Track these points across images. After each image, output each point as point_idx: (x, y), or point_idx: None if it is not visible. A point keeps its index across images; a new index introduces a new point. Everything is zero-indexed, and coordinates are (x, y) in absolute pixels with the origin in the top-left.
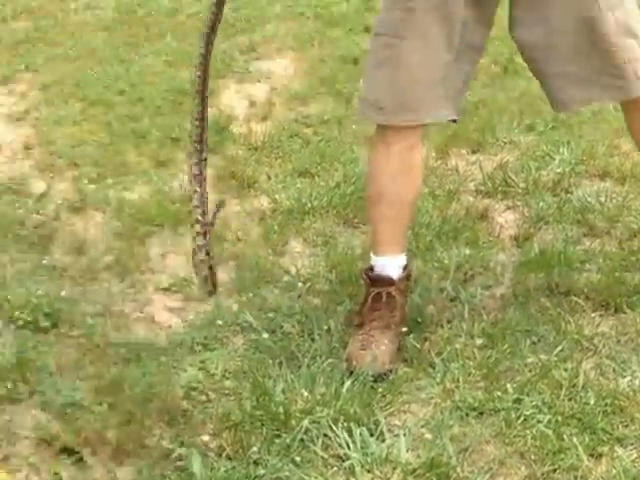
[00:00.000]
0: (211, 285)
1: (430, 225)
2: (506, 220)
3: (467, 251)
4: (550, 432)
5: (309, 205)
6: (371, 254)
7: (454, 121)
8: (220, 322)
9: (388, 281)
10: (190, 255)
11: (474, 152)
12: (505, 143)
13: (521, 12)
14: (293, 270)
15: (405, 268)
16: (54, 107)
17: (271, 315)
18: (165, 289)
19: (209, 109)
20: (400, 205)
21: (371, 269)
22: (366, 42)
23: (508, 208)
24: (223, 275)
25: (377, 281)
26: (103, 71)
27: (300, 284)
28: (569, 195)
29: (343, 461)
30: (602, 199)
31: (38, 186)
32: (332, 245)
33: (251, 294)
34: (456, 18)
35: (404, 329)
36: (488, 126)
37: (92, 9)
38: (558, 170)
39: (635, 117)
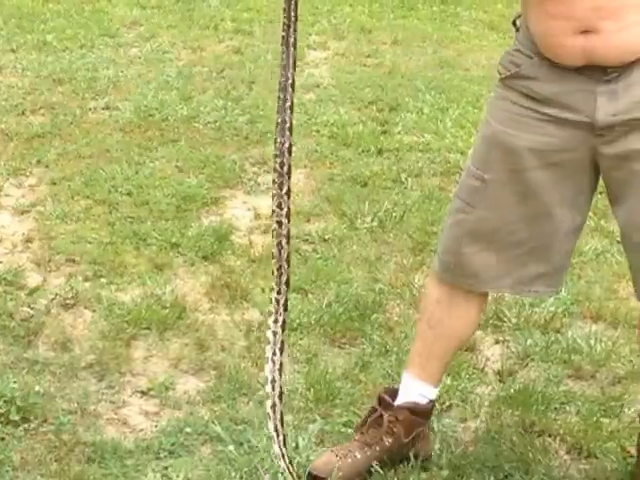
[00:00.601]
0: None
1: None
2: (493, 354)
3: (449, 382)
4: None
5: (297, 321)
6: (409, 371)
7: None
8: (189, 430)
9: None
10: (173, 360)
11: None
12: None
13: (612, 195)
14: None
15: (431, 401)
16: (60, 203)
17: (241, 427)
18: (143, 392)
19: (213, 217)
20: (443, 333)
21: (391, 393)
22: (377, 164)
23: (497, 342)
24: (201, 384)
25: (387, 407)
26: (113, 171)
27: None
28: (559, 335)
29: None
30: (592, 342)
31: (33, 280)
32: (314, 363)
33: (225, 405)
34: (537, 196)
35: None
36: None
37: (111, 110)
38: (551, 308)
39: None
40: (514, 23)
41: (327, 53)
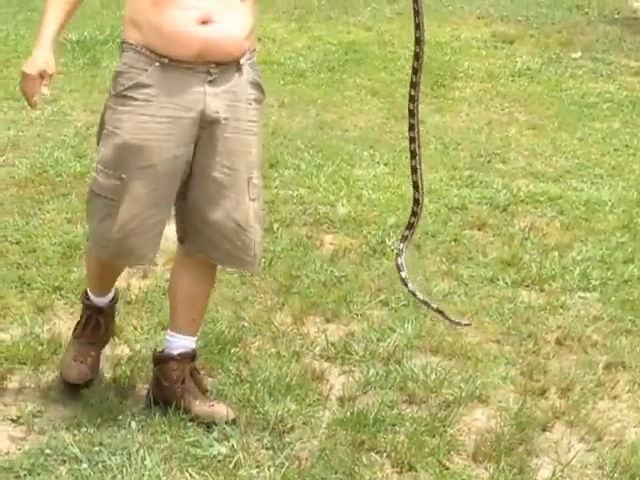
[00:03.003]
0: None
1: (266, 381)
2: (338, 382)
3: (293, 406)
4: None
5: None
6: (90, 292)
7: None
8: (49, 452)
9: (98, 310)
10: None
11: (328, 321)
12: (357, 315)
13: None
14: (128, 411)
15: (112, 299)
16: None
17: (97, 449)
18: (12, 420)
19: None
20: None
21: (87, 297)
22: None
23: (343, 372)
24: (67, 412)
25: (91, 308)
26: (4, 222)
27: (134, 423)
28: (398, 365)
29: None
30: (427, 371)
31: None
32: None
33: (85, 429)
34: (163, 186)
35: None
36: (345, 299)
37: (8, 166)
38: (396, 342)
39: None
40: (121, 51)
41: None
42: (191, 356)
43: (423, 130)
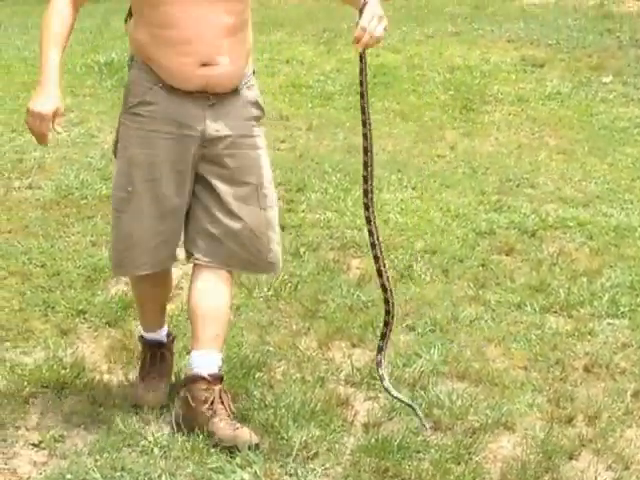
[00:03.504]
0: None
1: (291, 407)
2: (363, 408)
3: (317, 432)
4: None
5: None
6: (142, 330)
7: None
8: (70, 477)
9: (160, 344)
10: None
11: (354, 346)
12: None
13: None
14: (151, 437)
15: (169, 335)
16: None
17: (118, 474)
18: (34, 445)
19: (121, 287)
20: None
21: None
22: None
23: (369, 398)
24: (90, 436)
25: (152, 344)
26: (29, 245)
27: (156, 449)
28: (423, 391)
29: None
30: (453, 397)
31: None
32: None
33: (107, 454)
34: (168, 200)
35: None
36: (372, 324)
37: (33, 189)
38: (421, 368)
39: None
40: (129, 66)
41: None
42: (220, 377)
43: (452, 154)
